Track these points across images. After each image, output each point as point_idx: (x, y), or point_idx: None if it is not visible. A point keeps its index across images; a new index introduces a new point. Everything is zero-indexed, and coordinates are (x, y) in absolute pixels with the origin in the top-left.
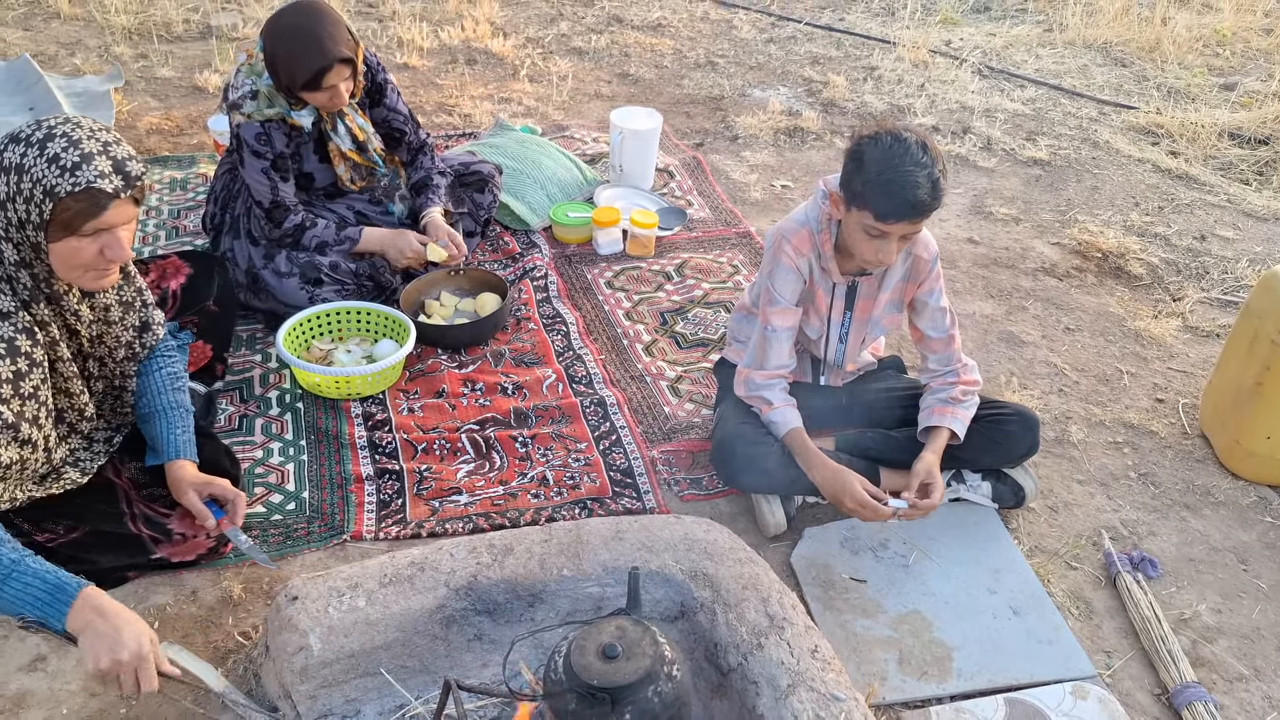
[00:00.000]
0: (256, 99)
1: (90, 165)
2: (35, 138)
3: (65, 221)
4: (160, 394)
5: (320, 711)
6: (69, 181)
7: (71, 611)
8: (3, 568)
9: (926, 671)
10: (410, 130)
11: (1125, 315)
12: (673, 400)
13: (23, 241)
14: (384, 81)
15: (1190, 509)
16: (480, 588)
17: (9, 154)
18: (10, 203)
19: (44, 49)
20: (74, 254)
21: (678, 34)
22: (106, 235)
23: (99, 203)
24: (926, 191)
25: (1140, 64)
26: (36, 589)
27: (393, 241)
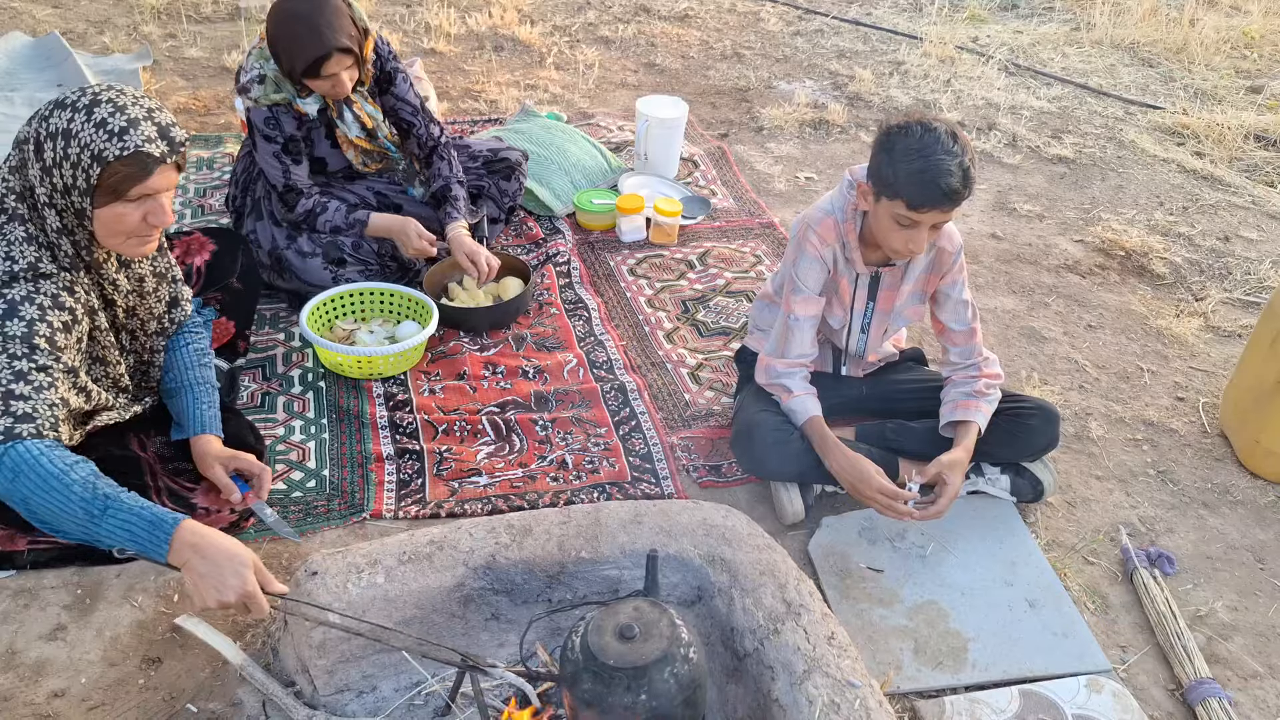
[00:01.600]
0: (264, 83)
1: (137, 130)
2: (81, 103)
3: (112, 186)
4: (188, 369)
5: (337, 686)
6: (117, 146)
7: (171, 548)
8: (100, 503)
9: (942, 662)
10: (420, 123)
11: (1147, 314)
12: (693, 387)
13: (66, 208)
14: (393, 70)
15: (1208, 507)
16: (498, 567)
17: (55, 119)
18: (57, 168)
19: (73, 26)
20: (118, 219)
21: (705, 25)
22: (150, 201)
23: (146, 167)
24: (959, 180)
25: (1167, 65)
26: (134, 525)
27: (400, 229)
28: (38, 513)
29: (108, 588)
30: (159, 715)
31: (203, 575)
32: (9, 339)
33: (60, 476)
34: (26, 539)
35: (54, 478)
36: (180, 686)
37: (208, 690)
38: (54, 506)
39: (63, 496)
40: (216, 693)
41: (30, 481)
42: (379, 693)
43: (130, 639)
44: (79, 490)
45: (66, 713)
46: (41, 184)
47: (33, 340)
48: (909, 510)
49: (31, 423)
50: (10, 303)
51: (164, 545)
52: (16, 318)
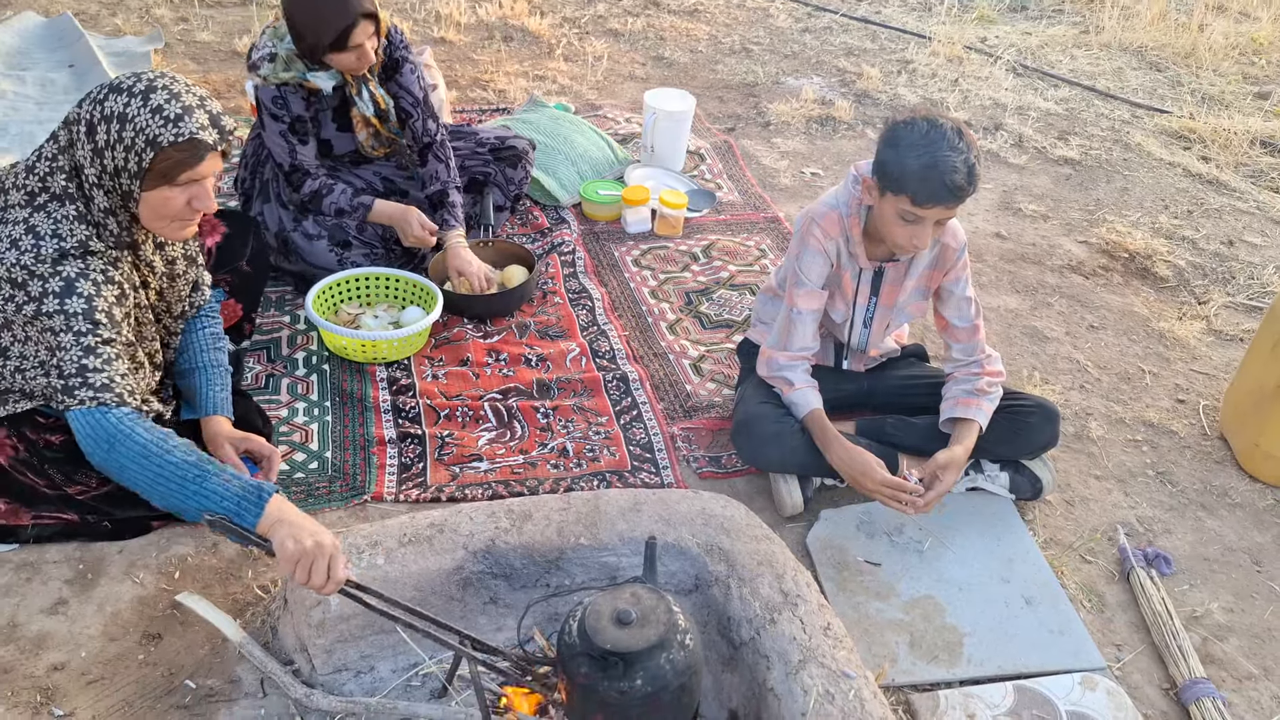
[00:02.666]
0: (274, 61)
1: (192, 117)
2: (137, 89)
3: (163, 171)
4: (202, 351)
5: (335, 666)
6: (172, 131)
7: (266, 511)
8: (203, 465)
9: (937, 656)
10: (419, 116)
11: (1150, 315)
12: (695, 379)
13: (114, 189)
14: (401, 59)
15: (1207, 509)
16: (498, 552)
17: (110, 103)
18: (109, 149)
19: (85, 8)
20: (165, 203)
21: (714, 20)
22: (196, 186)
23: (199, 153)
24: (963, 176)
25: (1175, 69)
26: (234, 488)
27: (401, 218)
28: (132, 481)
29: (109, 563)
30: (158, 690)
31: (297, 525)
32: (71, 316)
33: (159, 444)
34: (30, 513)
35: (152, 445)
36: (179, 663)
37: (207, 667)
38: (151, 474)
39: (160, 465)
40: (215, 670)
41: (127, 451)
42: (376, 673)
43: (131, 614)
44: (179, 457)
45: (66, 686)
46: (91, 165)
47: (94, 316)
48: (913, 500)
49: (112, 392)
50: (67, 280)
51: (260, 509)
52: (75, 295)
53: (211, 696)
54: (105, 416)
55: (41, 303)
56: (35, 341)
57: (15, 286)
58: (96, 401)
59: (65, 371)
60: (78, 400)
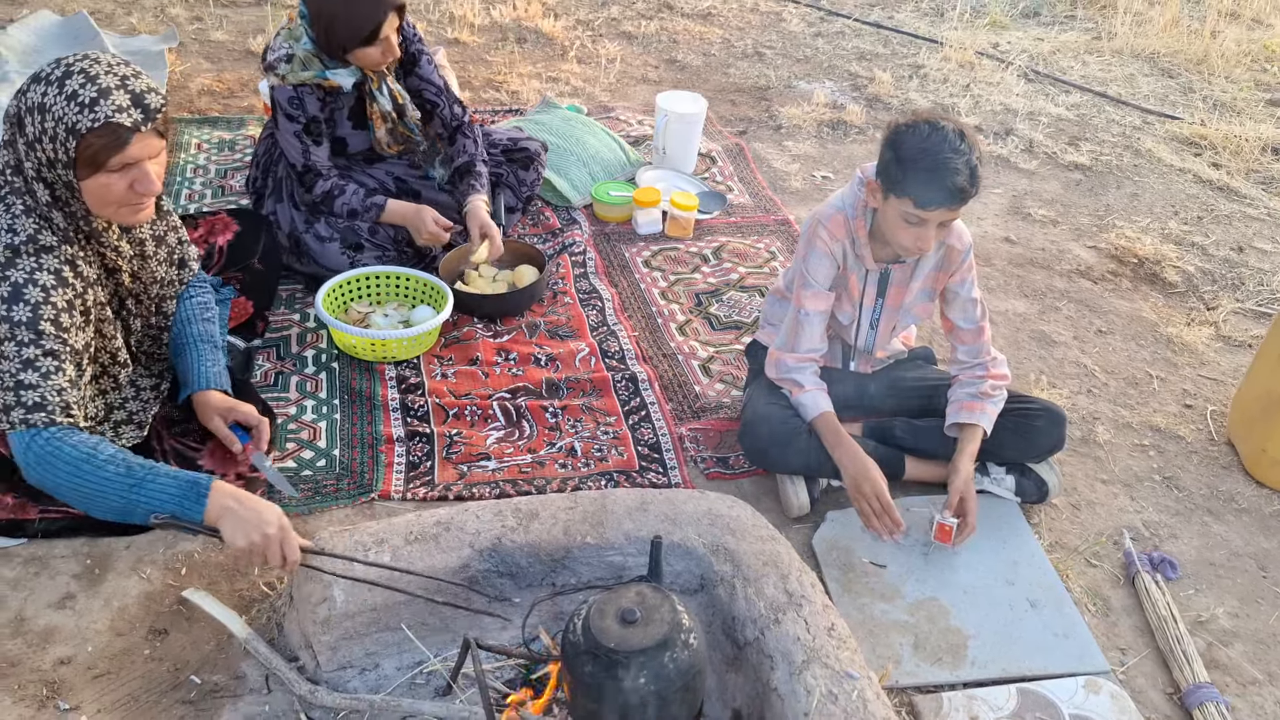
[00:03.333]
0: (291, 62)
1: (108, 100)
2: (54, 76)
3: (90, 158)
4: (189, 323)
5: (340, 663)
6: (88, 118)
7: (209, 503)
8: (139, 472)
9: (941, 658)
10: (444, 103)
11: (1158, 321)
12: (703, 380)
13: (55, 180)
14: (418, 52)
15: (1213, 514)
16: (504, 550)
17: (32, 94)
18: (38, 143)
19: (101, 7)
20: (105, 190)
21: (727, 23)
22: (134, 169)
23: (120, 137)
24: (965, 178)
25: (1187, 75)
26: (171, 488)
27: (414, 218)
28: (73, 497)
29: (117, 559)
30: (163, 685)
31: (242, 518)
32: (15, 325)
33: (89, 459)
34: (38, 508)
35: (83, 461)
36: (185, 658)
37: (212, 663)
38: (90, 488)
39: (96, 477)
40: (221, 665)
41: (60, 470)
42: (381, 670)
43: (137, 610)
44: (111, 468)
45: (72, 680)
46: (28, 159)
47: (38, 326)
48: (891, 528)
49: (43, 411)
50: (14, 285)
51: (201, 502)
52: (21, 302)
53: (216, 692)
54: (34, 439)
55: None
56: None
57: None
58: (26, 424)
59: (4, 384)
60: (9, 423)
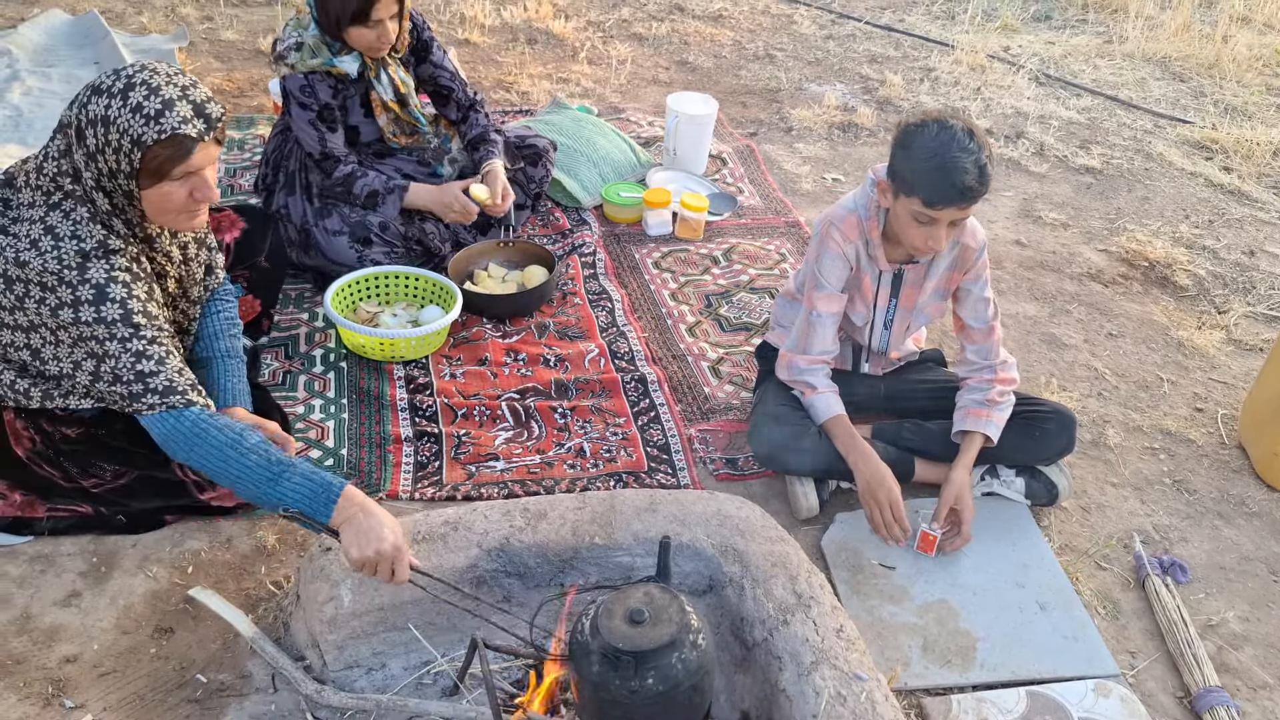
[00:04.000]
0: (301, 50)
1: (173, 111)
2: (116, 88)
3: (154, 169)
4: (218, 338)
5: (347, 662)
6: (155, 129)
7: (337, 507)
8: (275, 467)
9: (950, 660)
10: (458, 87)
11: (1169, 324)
12: (713, 381)
13: (114, 190)
14: (429, 39)
15: (1223, 518)
16: (512, 550)
17: (93, 106)
18: (100, 154)
19: (111, 6)
20: (165, 199)
21: (738, 26)
22: (195, 177)
23: (185, 147)
24: (974, 177)
25: (1198, 80)
26: (305, 488)
27: (439, 198)
28: (213, 475)
29: (123, 557)
30: (169, 684)
31: (363, 529)
32: (111, 324)
33: (234, 446)
34: (46, 506)
35: (228, 447)
36: (191, 657)
37: (218, 662)
38: (232, 474)
39: (239, 465)
40: (227, 664)
41: (208, 452)
42: (388, 670)
43: (144, 608)
44: (254, 458)
45: (78, 678)
46: (87, 169)
47: (133, 319)
48: (899, 536)
49: (175, 393)
50: (97, 287)
51: (330, 506)
52: (108, 300)
53: (222, 691)
54: (180, 419)
55: (78, 311)
56: (71, 345)
57: (45, 289)
58: (166, 405)
59: (123, 379)
60: (147, 405)
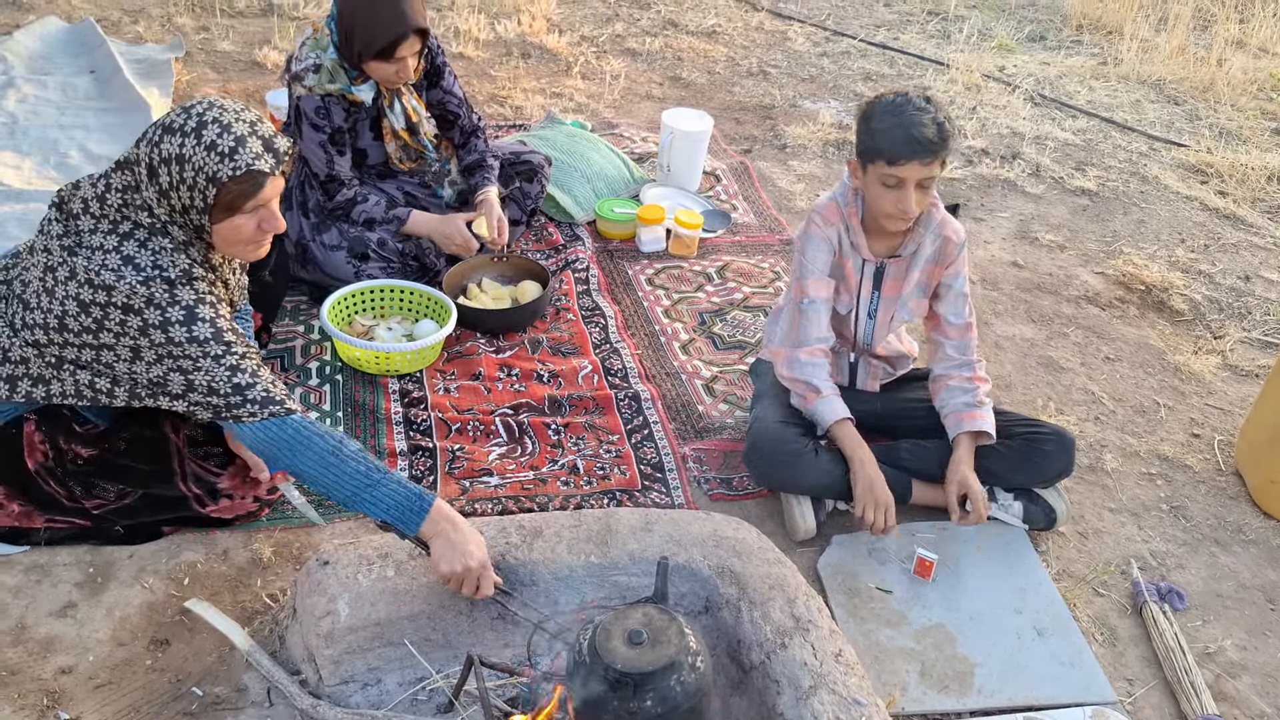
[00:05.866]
0: (319, 72)
1: (246, 148)
2: (189, 127)
3: (228, 204)
4: None
5: (342, 677)
6: (229, 166)
7: (427, 520)
8: (374, 474)
9: (947, 685)
10: (464, 113)
11: (1165, 349)
12: (707, 399)
13: (186, 224)
14: (443, 64)
15: (1220, 545)
16: (508, 567)
17: (166, 145)
18: (174, 191)
19: (108, 14)
20: (236, 231)
21: (731, 42)
22: (263, 210)
23: (258, 183)
24: (932, 131)
25: (1193, 103)
26: (400, 496)
27: (439, 228)
28: (310, 482)
29: (119, 568)
30: (164, 697)
31: (452, 543)
32: (204, 343)
33: (336, 452)
34: (44, 517)
35: (330, 454)
36: (187, 669)
37: (214, 674)
38: (330, 479)
39: (339, 470)
40: (222, 677)
41: (309, 458)
42: (383, 686)
43: (139, 620)
44: (354, 464)
45: (73, 690)
46: (159, 205)
47: (224, 338)
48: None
49: (274, 403)
50: (188, 308)
51: (421, 517)
52: (199, 321)
53: (218, 704)
54: (282, 427)
55: (168, 331)
56: (154, 363)
57: (129, 312)
58: (267, 414)
59: (219, 391)
60: (248, 414)
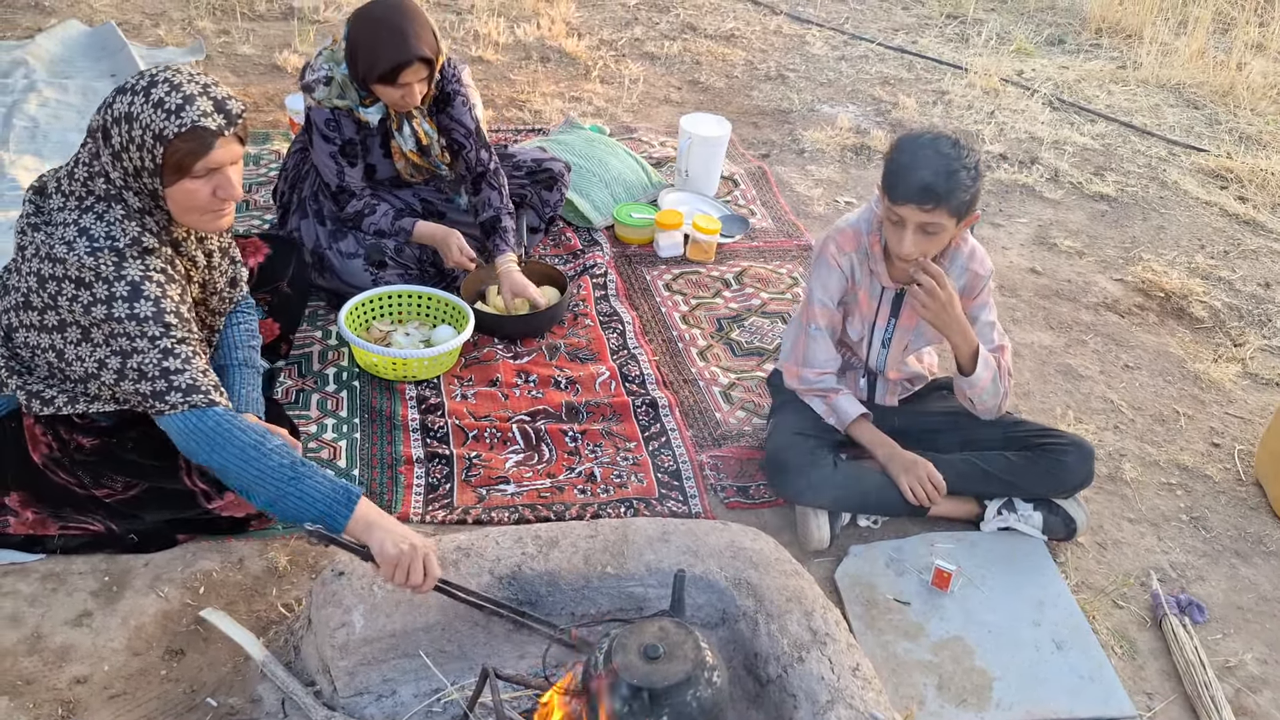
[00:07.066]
0: (329, 85)
1: (193, 106)
2: (140, 85)
3: (176, 164)
4: (237, 348)
5: (357, 689)
6: (175, 123)
7: (355, 512)
8: (300, 469)
9: (965, 699)
10: (472, 146)
11: (1185, 357)
12: (724, 406)
13: (141, 189)
14: (453, 93)
15: (1241, 556)
16: (524, 578)
17: (118, 104)
18: (125, 152)
19: (129, 18)
20: (189, 196)
21: (750, 45)
22: (217, 175)
23: (205, 141)
24: (939, 180)
25: (1212, 107)
26: (325, 488)
27: (443, 239)
28: (234, 480)
29: (135, 576)
30: (179, 707)
31: (389, 530)
32: (143, 321)
33: (258, 446)
34: (58, 524)
35: (251, 447)
36: (201, 680)
37: (228, 685)
38: (251, 475)
39: (261, 465)
40: (237, 688)
41: (229, 451)
42: (398, 697)
43: (154, 629)
44: (276, 459)
45: (88, 700)
46: (114, 169)
47: (165, 319)
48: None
49: (198, 393)
50: (133, 284)
51: (349, 509)
52: (143, 298)
53: (233, 715)
54: (203, 418)
55: (110, 306)
56: (100, 345)
57: (80, 285)
58: (189, 405)
59: (148, 375)
60: (169, 405)
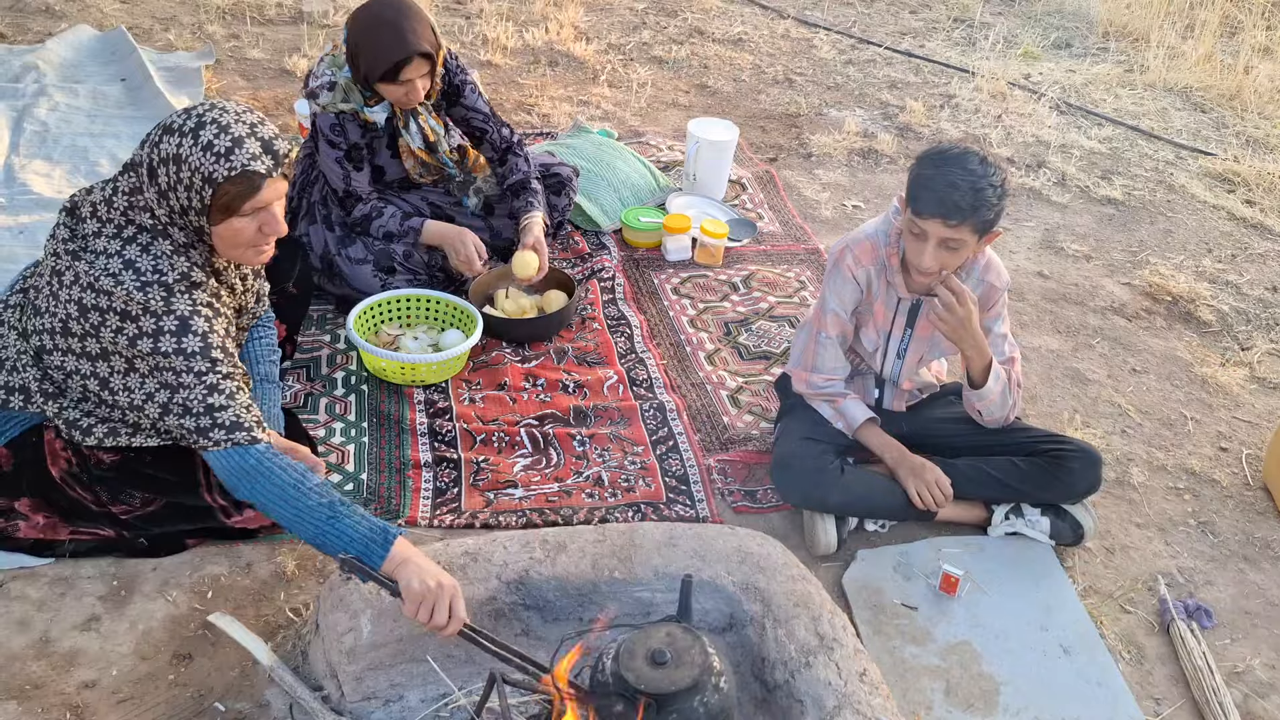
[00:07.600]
0: (333, 90)
1: (242, 149)
2: (187, 127)
3: (225, 205)
4: (258, 363)
5: (365, 694)
6: (225, 167)
7: (392, 551)
8: (338, 508)
9: (973, 704)
10: (492, 128)
11: (1193, 361)
12: (732, 410)
13: (186, 226)
14: (461, 83)
15: (1249, 561)
16: (531, 583)
17: (165, 145)
18: (171, 192)
19: (139, 22)
20: (235, 234)
21: (757, 50)
22: (263, 213)
23: (255, 184)
24: (966, 196)
25: (1220, 111)
26: (363, 528)
27: (452, 240)
28: (273, 515)
29: (143, 581)
30: (187, 712)
31: (420, 567)
32: (190, 356)
33: (297, 486)
34: (69, 529)
35: (291, 487)
36: (209, 684)
37: (236, 690)
38: (291, 513)
39: (300, 504)
40: (245, 693)
41: (269, 490)
42: (405, 702)
43: (162, 633)
44: (315, 498)
45: (95, 704)
46: (159, 206)
47: (211, 354)
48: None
49: (241, 430)
50: (181, 319)
51: (386, 549)
52: (190, 333)
53: None
54: (245, 456)
55: (157, 340)
56: (145, 375)
57: (125, 318)
58: (231, 442)
59: (193, 411)
60: (213, 442)
